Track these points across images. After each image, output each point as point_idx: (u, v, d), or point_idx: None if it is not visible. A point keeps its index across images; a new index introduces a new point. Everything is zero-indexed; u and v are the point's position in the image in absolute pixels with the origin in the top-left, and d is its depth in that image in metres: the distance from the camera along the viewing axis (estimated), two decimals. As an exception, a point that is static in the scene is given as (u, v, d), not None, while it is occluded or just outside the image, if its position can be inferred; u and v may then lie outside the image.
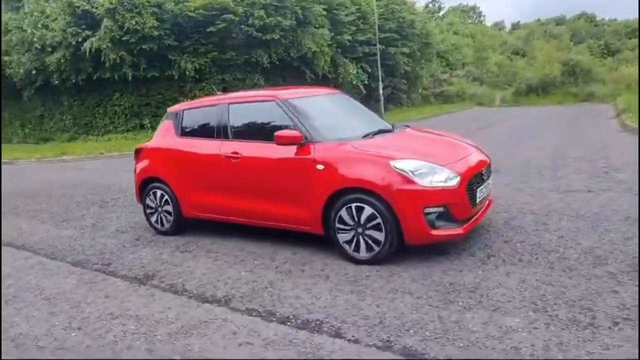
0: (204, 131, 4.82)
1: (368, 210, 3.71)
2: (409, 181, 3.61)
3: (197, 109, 5.00)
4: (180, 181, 4.89)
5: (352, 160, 3.85)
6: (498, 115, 19.04)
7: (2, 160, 14.44)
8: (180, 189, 4.89)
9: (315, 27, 19.08)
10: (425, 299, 3.16)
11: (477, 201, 3.94)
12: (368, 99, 25.04)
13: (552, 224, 4.49)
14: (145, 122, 18.59)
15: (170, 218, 5.02)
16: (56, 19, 16.66)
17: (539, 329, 2.69)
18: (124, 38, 15.91)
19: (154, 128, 17.82)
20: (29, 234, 5.64)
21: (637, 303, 2.87)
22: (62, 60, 16.95)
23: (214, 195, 4.68)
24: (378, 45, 22.47)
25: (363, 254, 3.81)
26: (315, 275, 3.72)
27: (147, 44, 16.31)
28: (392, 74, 25.44)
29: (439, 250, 3.94)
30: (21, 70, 18.22)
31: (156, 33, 16.09)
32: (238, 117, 4.60)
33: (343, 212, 3.83)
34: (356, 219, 3.78)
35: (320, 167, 3.94)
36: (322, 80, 20.54)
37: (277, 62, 18.57)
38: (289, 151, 4.09)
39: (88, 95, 19.20)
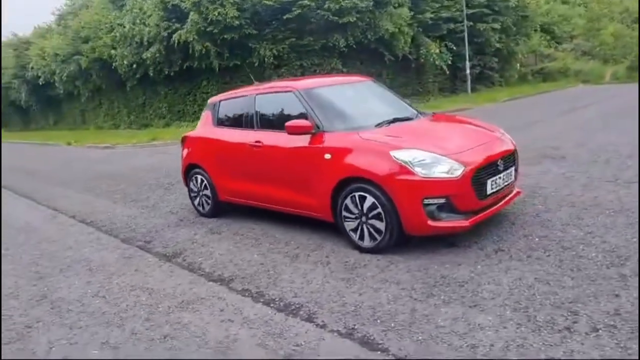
0: (236, 121, 5.12)
1: (370, 200, 3.74)
2: (408, 171, 3.56)
3: (230, 100, 5.31)
4: (215, 168, 5.26)
5: (356, 149, 3.88)
6: (599, 95, 17.17)
7: (106, 144, 16.33)
8: (216, 175, 5.27)
9: (394, 7, 18.61)
10: (408, 291, 3.15)
11: (488, 193, 3.76)
12: (453, 79, 24.04)
13: (587, 218, 4.12)
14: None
15: (209, 202, 5.44)
16: (151, 15, 18.16)
17: (508, 329, 2.58)
18: (208, 29, 16.91)
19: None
20: (99, 212, 6.44)
21: (635, 309, 2.61)
22: (157, 54, 18.51)
23: (242, 181, 4.98)
24: (465, 22, 21.36)
25: (367, 242, 3.86)
26: (317, 262, 3.85)
27: (229, 34, 17.19)
28: (482, 51, 23.95)
29: (448, 242, 3.85)
30: (125, 63, 20.22)
31: (237, 22, 16.87)
32: (262, 107, 4.82)
33: (348, 201, 3.90)
34: (359, 208, 3.83)
35: (327, 156, 4.02)
36: (402, 62, 20.10)
37: (354, 46, 18.49)
38: (303, 140, 4.22)
39: (180, 85, 20.80)
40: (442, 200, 3.58)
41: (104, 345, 2.90)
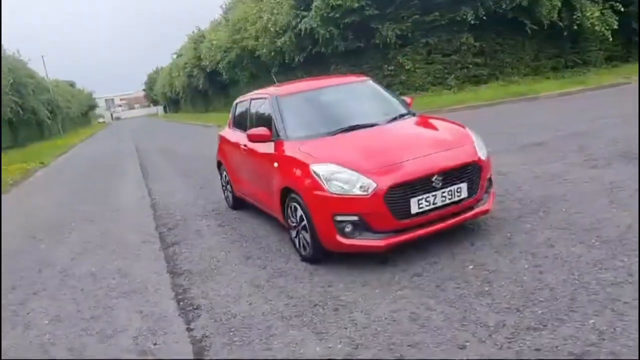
0: (240, 124, 5.50)
1: (299, 211, 3.79)
2: (319, 187, 3.50)
3: (241, 103, 5.70)
4: (229, 166, 5.77)
5: (290, 161, 3.93)
6: None
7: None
8: (230, 173, 5.78)
9: (535, -32, 16.37)
10: (267, 299, 3.21)
11: (413, 212, 3.44)
12: (627, 44, 20.02)
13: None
14: (356, 90, 19.94)
15: (230, 196, 6.00)
16: (283, 5, 19.38)
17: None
18: (330, 14, 17.37)
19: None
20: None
21: None
22: (288, 42, 19.75)
23: (242, 181, 5.39)
24: (640, -24, 17.60)
25: (302, 251, 3.93)
26: (260, 266, 4.04)
27: (351, 17, 17.37)
28: (666, 8, 19.41)
29: (380, 259, 3.68)
30: (265, 51, 22.07)
31: (357, 5, 16.93)
32: (253, 112, 5.10)
33: (288, 211, 4.00)
34: (295, 217, 3.90)
35: (275, 164, 4.15)
36: (548, 30, 17.56)
37: (485, 17, 16.89)
38: (269, 147, 4.41)
39: (313, 69, 21.80)
40: (354, 218, 3.43)
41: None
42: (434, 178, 3.46)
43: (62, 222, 6.93)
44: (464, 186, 3.61)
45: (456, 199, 3.58)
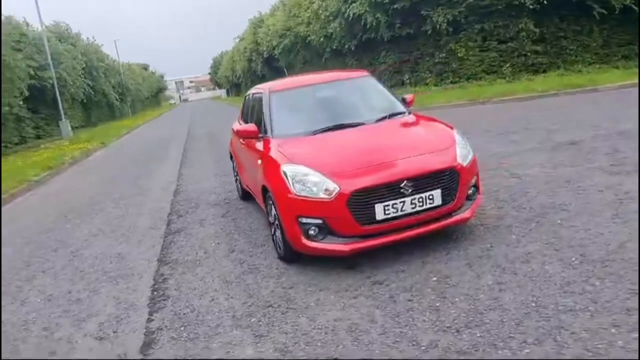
0: (246, 117, 5.58)
1: (274, 210, 3.81)
2: (287, 188, 3.50)
3: (248, 96, 5.75)
4: (236, 158, 5.89)
5: (268, 159, 3.94)
6: None
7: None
8: (237, 165, 5.90)
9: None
10: (229, 296, 3.27)
11: (378, 218, 3.34)
12: None
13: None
14: (405, 79, 19.51)
15: (239, 186, 6.13)
16: (333, -10, 19.19)
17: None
18: (378, 0, 16.96)
19: (412, 84, 18.66)
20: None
21: None
22: (339, 28, 19.56)
23: (243, 172, 5.50)
24: None
25: (278, 249, 3.96)
26: (238, 260, 4.13)
27: (399, 3, 16.87)
28: None
29: (347, 264, 3.63)
30: (315, 37, 22.02)
31: (406, -10, 16.41)
32: (251, 105, 5.15)
33: (267, 208, 4.05)
34: (271, 216, 3.94)
35: (259, 162, 4.19)
36: (620, 15, 16.08)
37: (547, 2, 15.76)
38: (260, 143, 4.45)
39: (363, 56, 21.52)
40: (318, 221, 3.40)
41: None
42: (403, 184, 3.34)
43: (93, 203, 7.43)
44: (437, 193, 3.45)
45: (428, 206, 3.44)
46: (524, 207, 4.35)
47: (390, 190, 3.34)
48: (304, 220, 3.43)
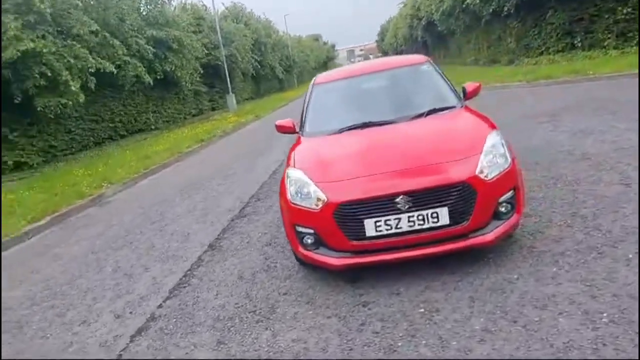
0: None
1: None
2: (285, 193, 3.38)
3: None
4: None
5: (288, 159, 3.83)
6: None
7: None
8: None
9: None
10: (231, 294, 3.34)
11: (369, 234, 3.00)
12: None
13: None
14: (576, 42, 16.70)
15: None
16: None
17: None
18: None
19: (585, 48, 15.94)
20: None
21: None
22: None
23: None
24: None
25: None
26: (268, 256, 4.21)
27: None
28: None
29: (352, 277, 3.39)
30: (470, 2, 20.12)
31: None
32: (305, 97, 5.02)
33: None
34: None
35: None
36: None
37: None
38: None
39: (526, 17, 18.97)
40: (309, 231, 3.24)
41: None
42: (399, 199, 2.95)
43: (209, 178, 8.30)
44: (442, 211, 2.95)
45: (431, 225, 2.98)
46: (600, 228, 3.44)
47: (383, 204, 2.98)
48: (299, 228, 3.30)
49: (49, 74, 11.64)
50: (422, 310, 2.83)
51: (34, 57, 11.45)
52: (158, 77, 18.98)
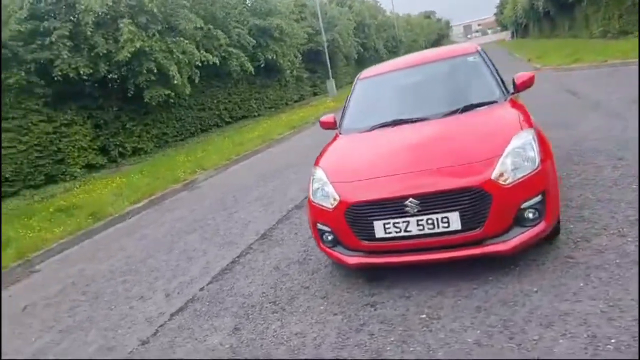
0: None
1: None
2: (309, 191, 3.49)
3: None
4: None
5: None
6: None
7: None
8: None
9: None
10: (260, 284, 3.57)
11: (378, 236, 2.98)
12: None
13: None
14: None
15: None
16: None
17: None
18: None
19: None
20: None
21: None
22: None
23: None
24: None
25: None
26: (307, 249, 4.38)
27: None
28: None
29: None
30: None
31: None
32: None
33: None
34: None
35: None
36: None
37: None
38: None
39: None
40: (327, 229, 3.31)
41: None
42: (408, 201, 2.90)
43: (282, 168, 8.67)
44: (454, 216, 2.84)
45: (442, 230, 2.89)
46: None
47: (392, 207, 2.95)
48: (320, 226, 3.40)
49: (156, 70, 12.93)
50: (424, 316, 2.79)
51: (145, 55, 12.79)
52: (260, 66, 19.96)
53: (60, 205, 8.46)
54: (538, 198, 2.90)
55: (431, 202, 2.87)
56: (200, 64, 14.68)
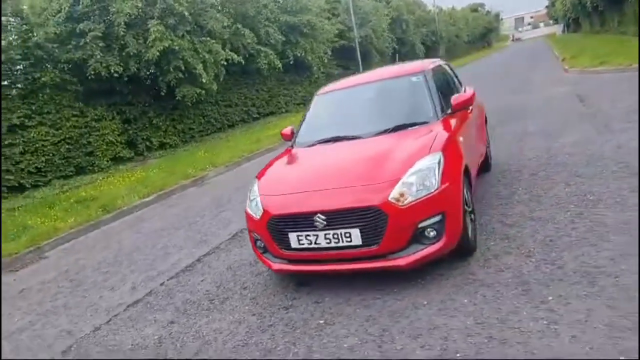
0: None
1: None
2: (247, 200, 3.84)
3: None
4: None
5: None
6: None
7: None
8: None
9: None
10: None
11: (293, 246, 3.30)
12: None
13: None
14: None
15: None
16: None
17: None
18: None
19: None
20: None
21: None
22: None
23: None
24: None
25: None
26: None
27: None
28: None
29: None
30: None
31: None
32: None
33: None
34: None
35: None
36: None
37: None
38: None
39: None
40: (257, 237, 3.66)
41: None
42: (316, 217, 3.21)
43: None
44: (355, 232, 3.13)
45: (345, 244, 3.18)
46: (555, 262, 3.18)
47: (303, 221, 3.27)
48: (253, 233, 3.76)
49: (183, 68, 13.61)
50: (322, 321, 3.10)
51: (173, 54, 13.49)
52: (290, 62, 20.40)
53: (80, 196, 9.25)
54: (437, 218, 3.13)
55: (336, 218, 3.17)
56: (225, 62, 15.27)
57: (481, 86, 15.68)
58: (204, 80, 14.09)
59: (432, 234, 3.14)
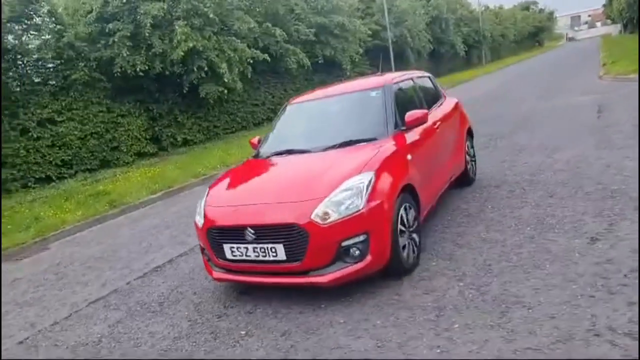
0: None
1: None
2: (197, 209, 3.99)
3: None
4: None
5: None
6: None
7: None
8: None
9: None
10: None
11: (227, 257, 3.42)
12: None
13: None
14: None
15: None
16: None
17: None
18: None
19: None
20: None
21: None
22: None
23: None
24: None
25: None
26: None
27: None
28: None
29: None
30: None
31: None
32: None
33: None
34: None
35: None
36: None
37: None
38: None
39: None
40: (202, 245, 3.81)
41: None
42: (247, 230, 3.31)
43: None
44: (280, 247, 3.21)
45: (272, 258, 3.26)
46: (481, 290, 3.13)
47: (235, 234, 3.39)
48: (199, 241, 3.91)
49: (206, 68, 14.00)
50: (244, 332, 3.20)
51: (198, 54, 13.90)
52: (319, 62, 20.50)
53: (95, 190, 9.74)
54: (361, 238, 3.16)
55: (263, 233, 3.27)
56: (251, 61, 15.56)
57: (512, 91, 15.23)
58: (226, 80, 14.42)
59: (357, 253, 3.17)
